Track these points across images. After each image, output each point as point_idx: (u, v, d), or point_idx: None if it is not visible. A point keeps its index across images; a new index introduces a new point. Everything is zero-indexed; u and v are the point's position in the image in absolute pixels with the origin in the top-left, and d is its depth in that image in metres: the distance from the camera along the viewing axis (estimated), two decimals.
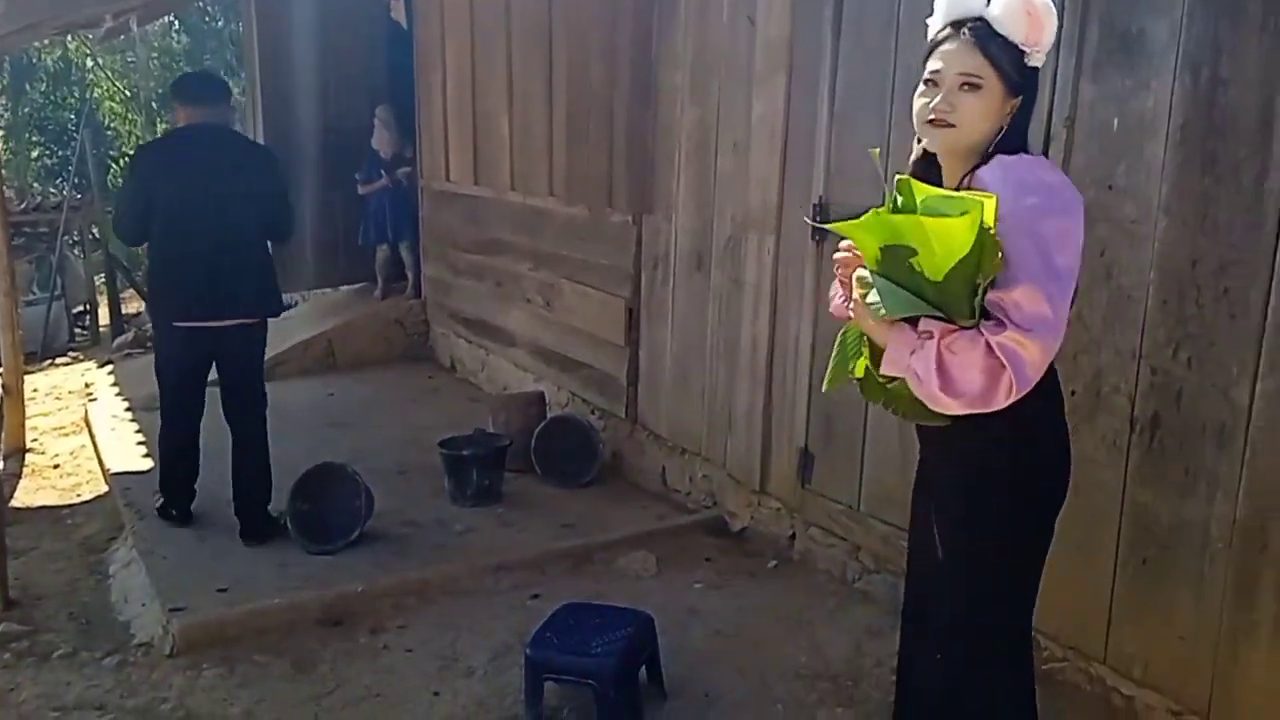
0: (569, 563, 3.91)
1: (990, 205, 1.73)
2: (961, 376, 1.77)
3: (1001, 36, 1.88)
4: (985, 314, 1.80)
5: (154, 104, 13.86)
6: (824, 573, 3.81)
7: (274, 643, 3.34)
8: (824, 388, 2.01)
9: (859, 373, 1.96)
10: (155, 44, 14.33)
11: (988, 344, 1.76)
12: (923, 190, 1.78)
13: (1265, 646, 2.47)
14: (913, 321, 1.83)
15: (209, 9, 13.37)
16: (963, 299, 1.77)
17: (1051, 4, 1.90)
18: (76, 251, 11.10)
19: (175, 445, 4.22)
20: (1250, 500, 2.48)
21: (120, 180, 14.37)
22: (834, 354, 1.97)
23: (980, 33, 1.89)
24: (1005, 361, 1.75)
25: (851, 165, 3.55)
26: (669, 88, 4.45)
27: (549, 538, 4.13)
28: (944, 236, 1.72)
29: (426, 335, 7.37)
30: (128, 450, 5.25)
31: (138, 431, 5.53)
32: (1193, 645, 2.62)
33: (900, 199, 1.81)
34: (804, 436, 3.85)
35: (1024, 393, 1.78)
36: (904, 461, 3.42)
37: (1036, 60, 1.92)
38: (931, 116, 1.92)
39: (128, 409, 6.04)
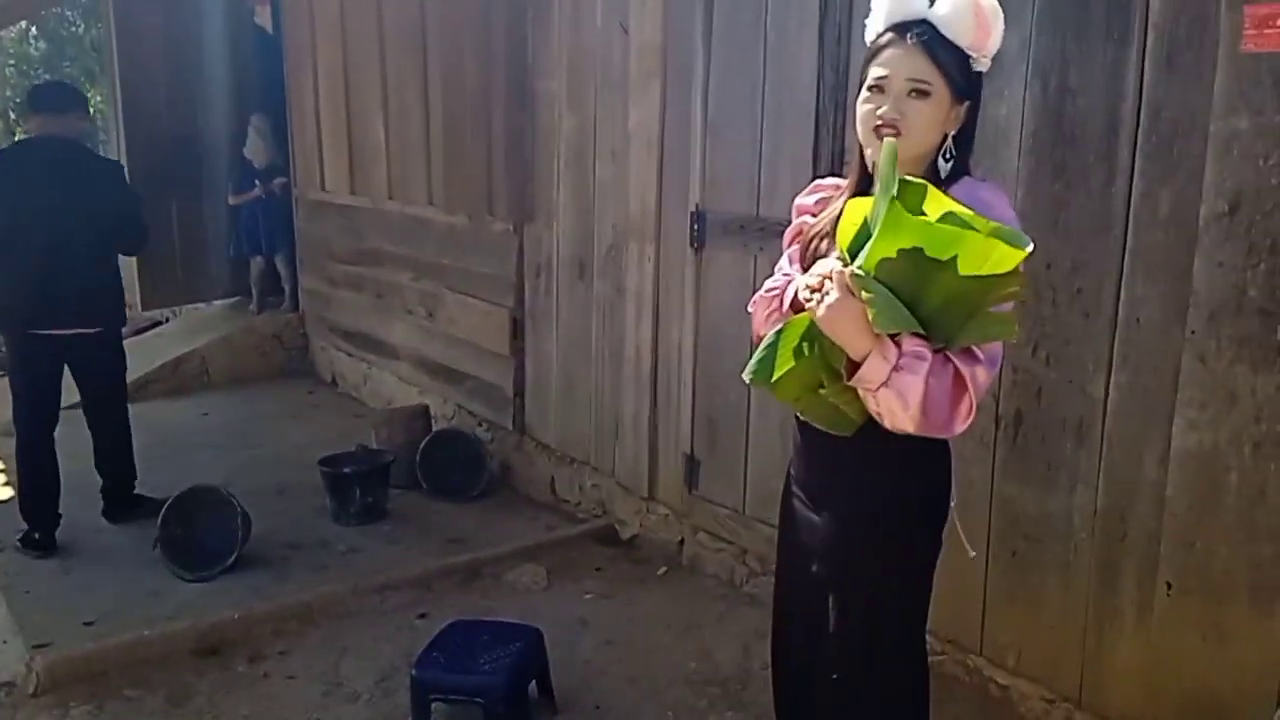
0: (457, 579, 3.85)
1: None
2: (936, 401, 1.69)
3: (948, 40, 1.80)
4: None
5: (10, 113, 13.21)
6: (712, 577, 3.84)
7: (146, 676, 3.20)
8: (747, 377, 1.81)
9: (780, 370, 1.79)
10: (11, 50, 13.66)
11: (957, 373, 1.69)
12: (940, 201, 1.62)
13: (1129, 632, 2.58)
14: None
15: (67, 14, 12.80)
16: (955, 324, 1.68)
17: (998, 6, 1.82)
18: None
19: (33, 460, 4.14)
20: (1108, 491, 2.59)
21: None
22: (764, 345, 1.80)
23: (927, 37, 1.80)
24: (973, 392, 1.71)
25: (726, 173, 3.60)
26: (546, 95, 4.43)
27: (436, 554, 4.07)
28: (998, 263, 1.60)
29: (306, 350, 7.19)
30: None
31: None
32: (1061, 633, 2.73)
33: (904, 203, 1.61)
34: (690, 442, 3.88)
35: (972, 412, 1.74)
36: (785, 464, 3.47)
37: (982, 65, 1.85)
38: (878, 123, 1.82)
39: None
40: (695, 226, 3.70)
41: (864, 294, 1.64)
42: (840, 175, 3.12)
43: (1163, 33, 2.39)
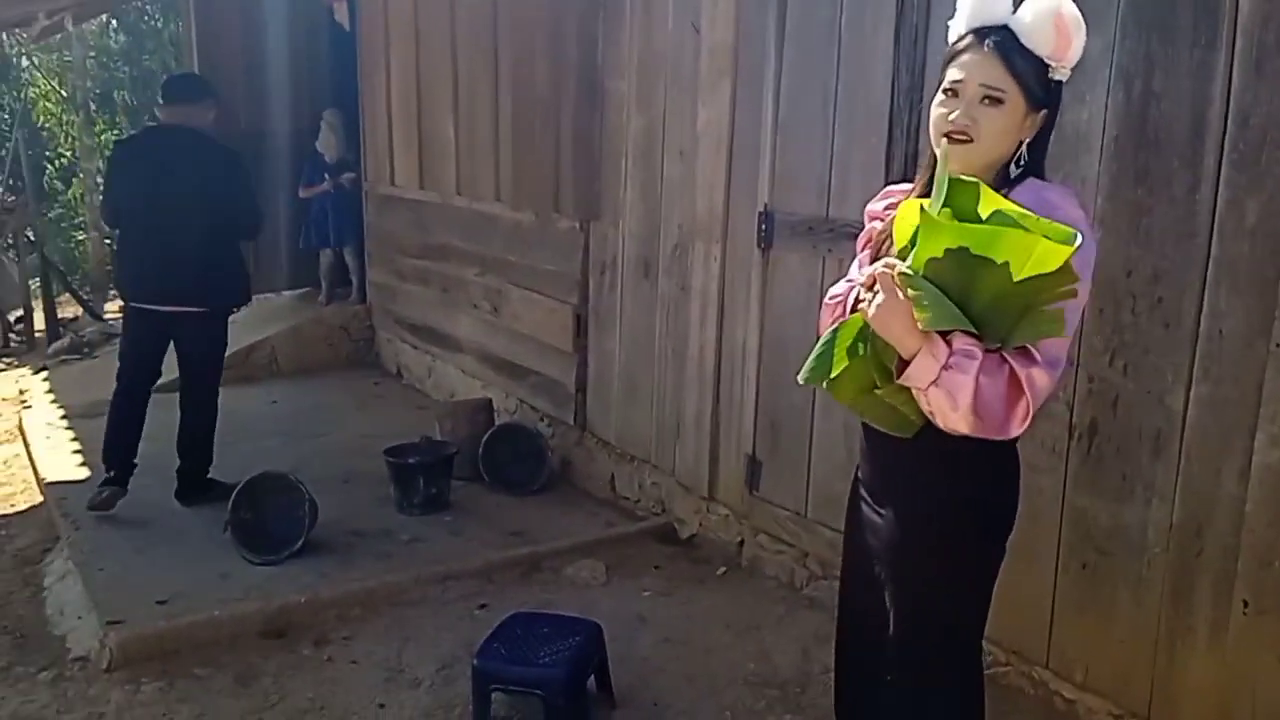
0: (517, 571, 3.89)
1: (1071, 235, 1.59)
2: (989, 402, 1.67)
3: (1026, 49, 1.79)
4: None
5: (91, 104, 13.55)
6: (772, 579, 3.83)
7: (215, 656, 3.28)
8: (802, 378, 1.84)
9: (836, 370, 1.80)
10: (92, 43, 14.00)
11: (1013, 373, 1.68)
12: (993, 199, 1.62)
13: (1202, 649, 2.52)
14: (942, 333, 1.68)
15: (147, 8, 13.10)
16: (1007, 323, 1.66)
17: (1081, 17, 1.79)
18: (11, 255, 10.82)
19: (121, 411, 4.40)
20: (1185, 505, 2.53)
21: (57, 181, 14.10)
22: (821, 345, 1.82)
23: (1004, 44, 1.78)
24: (1029, 394, 1.68)
25: (796, 174, 3.58)
26: (615, 94, 4.45)
27: (497, 546, 4.10)
28: (1042, 259, 1.57)
29: (372, 341, 7.30)
30: (63, 459, 5.13)
31: (74, 440, 5.40)
32: (1132, 648, 2.67)
33: (953, 203, 1.63)
34: (751, 443, 3.87)
35: (1030, 415, 1.71)
36: (849, 467, 3.43)
37: (1062, 75, 1.82)
38: (949, 129, 1.81)
39: (63, 417, 5.91)
40: (763, 226, 3.69)
41: (911, 292, 1.64)
42: (904, 178, 3.10)
43: (1251, 37, 2.33)
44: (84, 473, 4.91)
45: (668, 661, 3.24)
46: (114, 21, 13.73)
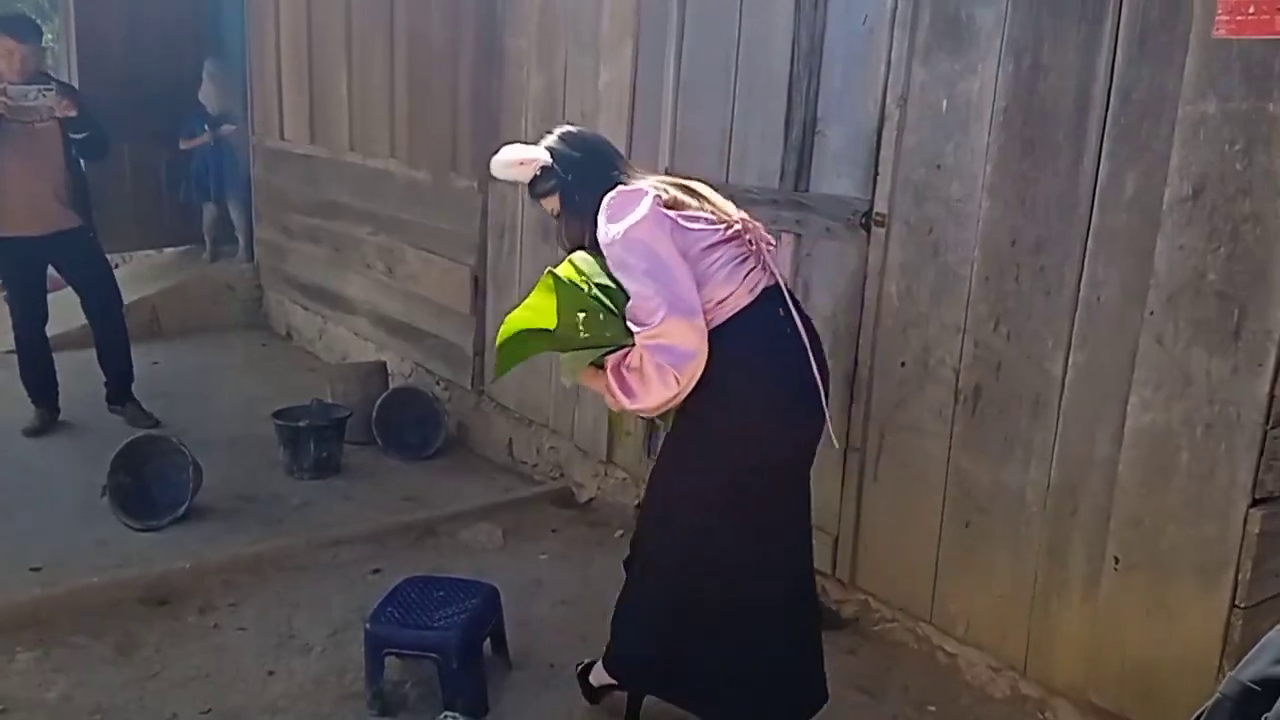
0: (412, 536, 3.84)
1: (561, 269, 2.28)
2: (639, 384, 2.21)
3: (525, 185, 2.46)
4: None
5: None
6: None
7: (94, 624, 3.16)
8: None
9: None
10: None
11: (641, 349, 2.18)
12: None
13: (1075, 604, 2.64)
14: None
15: None
16: (600, 335, 2.25)
17: (505, 158, 2.44)
18: None
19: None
20: (1062, 466, 2.64)
21: None
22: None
23: (528, 193, 2.50)
24: (655, 355, 2.15)
25: (697, 137, 3.58)
26: (515, 51, 4.38)
27: (391, 511, 4.05)
28: (541, 313, 2.24)
29: (260, 301, 7.09)
30: None
31: None
32: (1010, 604, 2.79)
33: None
34: None
35: (695, 368, 2.17)
36: None
37: (535, 173, 2.44)
38: (568, 249, 2.41)
39: None
40: None
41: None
42: (802, 144, 3.14)
43: (1136, 14, 2.40)
44: None
45: (564, 623, 3.25)
46: None
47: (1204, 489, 2.37)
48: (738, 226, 2.31)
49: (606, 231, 2.24)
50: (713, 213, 2.32)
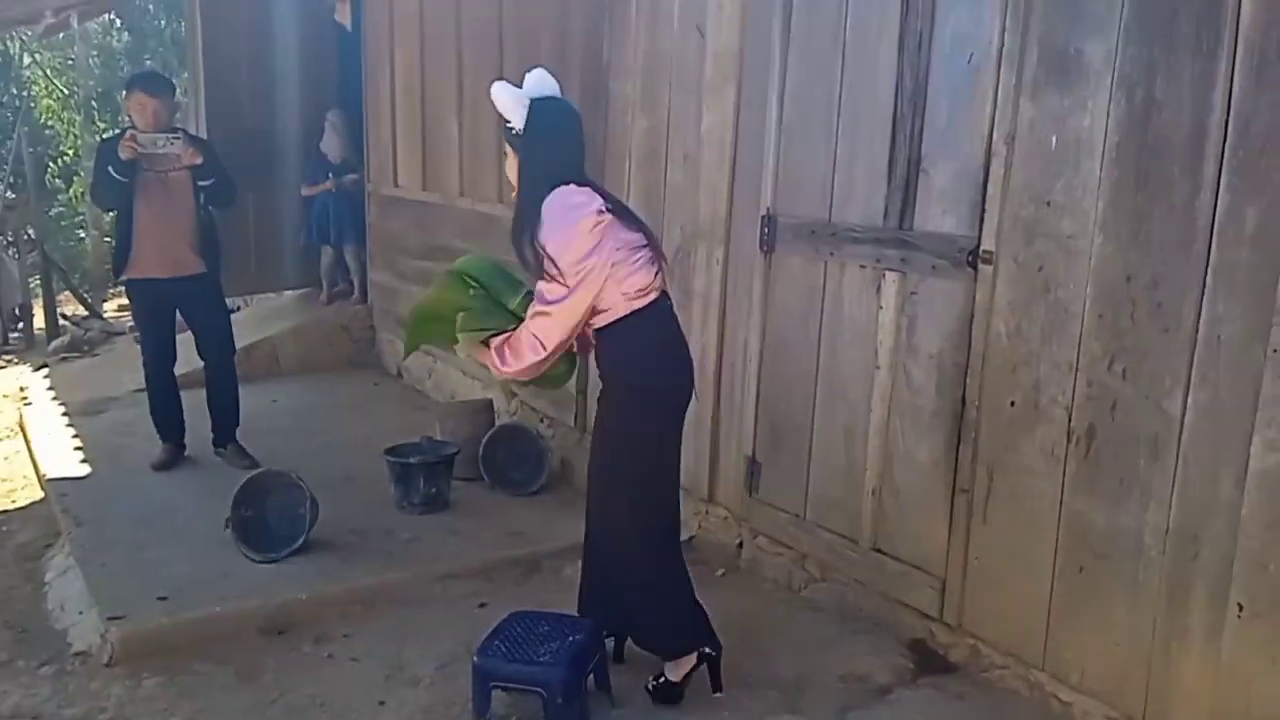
0: (517, 571, 3.90)
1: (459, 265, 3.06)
2: (512, 356, 2.82)
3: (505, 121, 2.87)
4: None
5: (93, 103, 13.57)
6: (771, 581, 3.84)
7: (216, 652, 3.29)
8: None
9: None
10: (95, 42, 14.04)
11: (526, 324, 2.78)
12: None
13: (1197, 652, 2.54)
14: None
15: (150, 7, 13.13)
16: (482, 323, 2.93)
17: (504, 93, 2.86)
18: (11, 252, 10.83)
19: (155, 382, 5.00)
20: (1182, 509, 2.55)
21: (58, 179, 14.08)
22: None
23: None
24: (536, 327, 2.76)
25: (800, 178, 3.60)
26: (619, 96, 4.47)
27: (497, 546, 4.12)
28: (441, 304, 3.02)
29: (373, 341, 7.31)
30: (64, 455, 5.14)
31: (75, 437, 5.42)
32: (1128, 651, 2.69)
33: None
34: (751, 445, 3.89)
35: (549, 348, 2.76)
36: (849, 469, 3.48)
37: (518, 126, 2.85)
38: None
39: (64, 413, 5.92)
40: (766, 230, 3.71)
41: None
42: (907, 182, 3.14)
43: (1253, 46, 2.35)
44: (85, 469, 4.93)
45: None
46: (118, 20, 13.76)
47: None
48: (651, 238, 2.87)
49: (556, 221, 2.72)
50: (636, 224, 2.83)
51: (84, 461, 5.03)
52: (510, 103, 2.83)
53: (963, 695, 3.05)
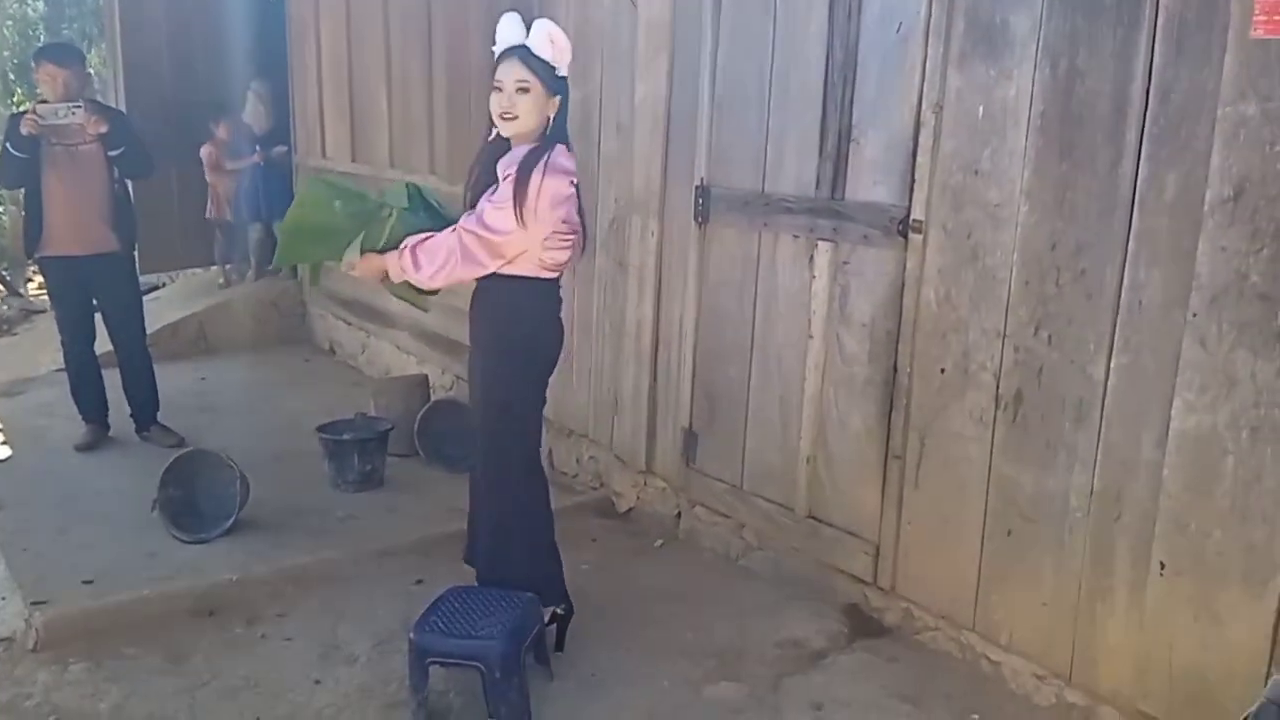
0: (454, 547, 3.83)
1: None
2: (427, 260, 2.83)
3: (538, 56, 2.79)
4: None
5: (10, 74, 13.09)
6: (709, 550, 3.87)
7: (144, 635, 3.22)
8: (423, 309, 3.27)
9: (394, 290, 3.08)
10: (10, 10, 13.52)
11: (462, 235, 2.78)
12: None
13: (1121, 610, 2.61)
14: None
15: None
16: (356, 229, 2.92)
17: (565, 36, 2.83)
18: None
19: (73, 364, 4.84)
20: (1105, 471, 2.61)
21: None
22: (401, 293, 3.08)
23: (523, 53, 2.80)
24: (476, 245, 2.77)
25: (732, 149, 3.60)
26: None
27: (434, 522, 4.08)
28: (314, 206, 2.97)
29: (303, 317, 7.19)
30: None
31: None
32: (1055, 611, 2.76)
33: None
34: (689, 417, 3.90)
35: (466, 265, 2.80)
36: (784, 439, 3.51)
37: (563, 72, 2.85)
38: (500, 111, 2.81)
39: None
40: (700, 201, 3.71)
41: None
42: (838, 152, 3.16)
43: (1173, 16, 2.39)
44: (4, 451, 4.79)
45: (605, 634, 3.26)
46: None
47: (1251, 493, 2.34)
48: (585, 234, 3.06)
49: (553, 169, 2.79)
50: (581, 213, 2.99)
51: (3, 444, 4.89)
52: (564, 46, 2.84)
53: (896, 658, 3.11)
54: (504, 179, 2.79)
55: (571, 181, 2.87)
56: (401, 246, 2.87)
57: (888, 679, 2.99)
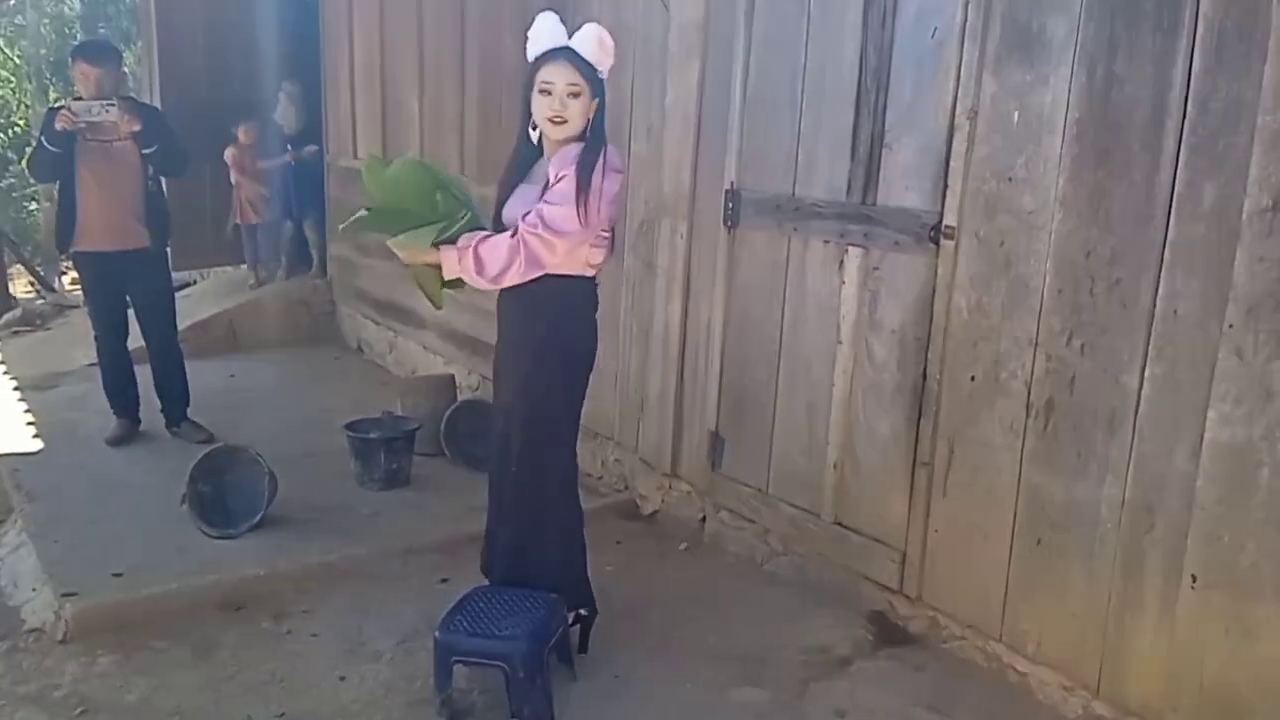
0: (479, 546, 3.86)
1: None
2: (488, 264, 2.74)
3: (584, 59, 2.76)
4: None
5: (46, 71, 13.27)
6: (733, 555, 3.86)
7: (172, 629, 3.25)
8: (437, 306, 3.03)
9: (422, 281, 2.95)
10: (48, 9, 13.71)
11: (517, 237, 2.71)
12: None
13: (1151, 623, 2.58)
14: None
15: None
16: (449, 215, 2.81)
17: (610, 38, 2.80)
18: None
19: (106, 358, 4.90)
20: (1137, 482, 2.58)
21: (9, 151, 13.78)
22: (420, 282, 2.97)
23: (572, 55, 2.75)
24: (532, 248, 2.71)
25: (763, 152, 3.59)
26: None
27: (459, 521, 4.08)
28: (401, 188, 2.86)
29: (332, 316, 7.24)
30: (16, 431, 5.05)
31: (27, 411, 5.32)
32: (1083, 622, 2.73)
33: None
34: (715, 420, 3.89)
35: (534, 270, 2.73)
36: (811, 444, 3.49)
37: (604, 74, 2.83)
38: (550, 115, 2.77)
39: (16, 388, 5.81)
40: (729, 205, 3.70)
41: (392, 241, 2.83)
42: (870, 157, 3.14)
43: (1213, 24, 2.37)
44: (37, 444, 4.85)
45: (629, 635, 3.26)
46: None
47: None
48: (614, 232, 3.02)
49: (611, 169, 2.79)
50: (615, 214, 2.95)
51: (36, 437, 4.94)
52: (611, 50, 2.83)
53: (921, 666, 3.08)
54: (558, 179, 2.74)
55: (622, 181, 2.87)
56: (461, 245, 2.78)
57: (913, 687, 2.97)
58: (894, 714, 2.86)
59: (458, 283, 2.87)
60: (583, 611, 3.12)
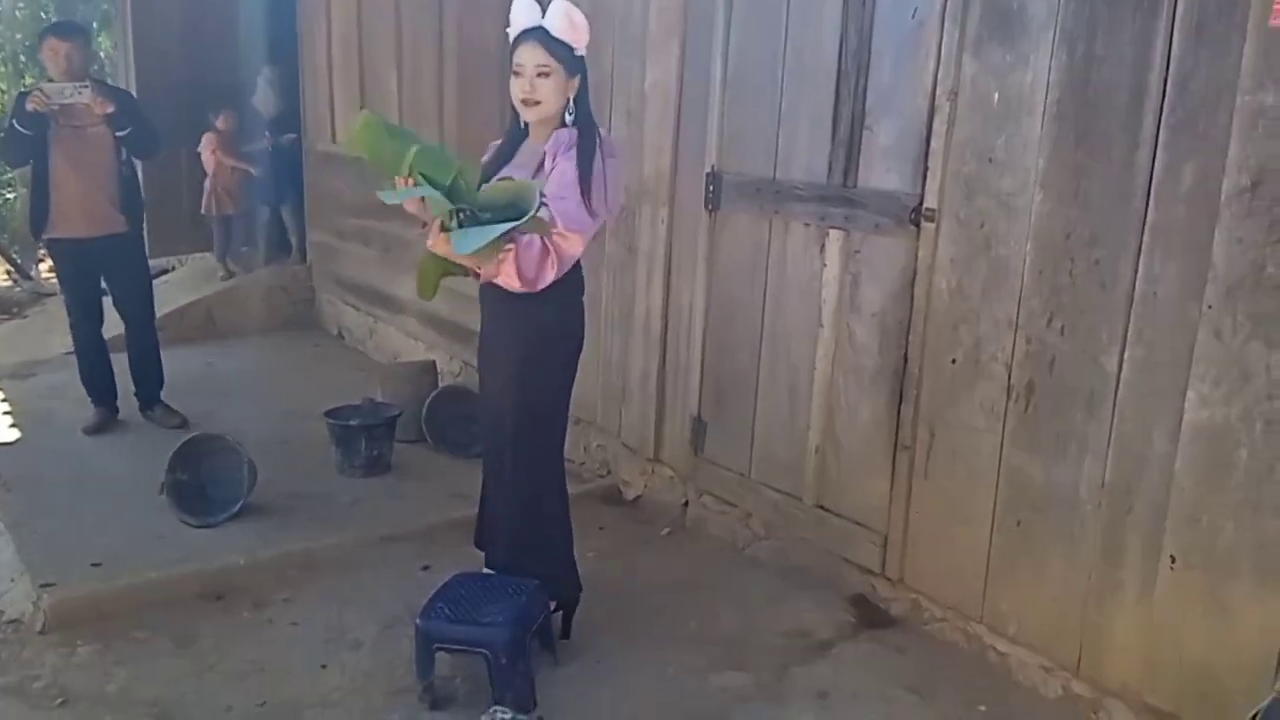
0: (460, 533, 3.84)
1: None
2: (525, 268, 2.66)
3: (556, 38, 2.73)
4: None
5: (20, 56, 13.09)
6: (716, 539, 3.86)
7: (151, 618, 3.22)
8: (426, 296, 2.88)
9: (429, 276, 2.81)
10: None
11: (544, 245, 2.66)
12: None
13: (1130, 603, 2.59)
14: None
15: None
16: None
17: (583, 17, 2.76)
18: None
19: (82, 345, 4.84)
20: (1117, 463, 2.59)
21: None
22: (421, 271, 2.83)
23: (542, 35, 2.73)
24: (555, 255, 2.69)
25: (744, 135, 3.57)
26: None
27: (440, 508, 4.07)
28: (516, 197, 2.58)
29: (312, 302, 7.19)
30: None
31: (3, 400, 5.27)
32: (1063, 603, 2.74)
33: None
34: (697, 405, 3.89)
35: (565, 267, 2.72)
36: (793, 428, 3.49)
37: (582, 52, 2.79)
38: (522, 97, 2.77)
39: None
40: (710, 188, 3.68)
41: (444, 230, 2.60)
42: (850, 139, 3.13)
43: (1193, 3, 2.36)
44: (14, 434, 4.80)
45: (611, 621, 3.25)
46: None
47: (1263, 487, 2.32)
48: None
49: (616, 156, 2.83)
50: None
51: (13, 426, 4.90)
52: (583, 26, 2.79)
53: (902, 648, 3.09)
54: (553, 168, 2.72)
55: (623, 164, 2.87)
56: (500, 259, 2.65)
57: (894, 669, 2.98)
58: (875, 696, 2.87)
59: (457, 269, 2.78)
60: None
